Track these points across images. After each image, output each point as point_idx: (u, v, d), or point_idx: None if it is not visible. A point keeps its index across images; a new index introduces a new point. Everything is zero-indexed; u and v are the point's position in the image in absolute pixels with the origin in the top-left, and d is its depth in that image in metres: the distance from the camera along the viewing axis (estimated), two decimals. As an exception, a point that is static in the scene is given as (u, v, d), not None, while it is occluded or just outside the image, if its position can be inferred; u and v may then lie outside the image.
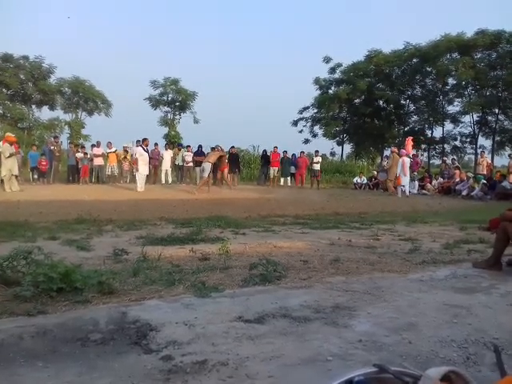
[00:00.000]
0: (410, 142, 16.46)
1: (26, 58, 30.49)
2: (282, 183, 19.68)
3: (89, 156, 17.43)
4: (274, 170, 19.28)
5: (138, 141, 15.72)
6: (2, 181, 12.76)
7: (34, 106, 32.12)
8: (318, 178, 19.42)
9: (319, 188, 18.74)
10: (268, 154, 20.02)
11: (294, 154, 19.97)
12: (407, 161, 15.32)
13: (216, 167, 15.07)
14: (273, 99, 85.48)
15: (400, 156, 15.33)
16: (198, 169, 17.93)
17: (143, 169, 14.15)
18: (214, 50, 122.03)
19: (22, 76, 30.32)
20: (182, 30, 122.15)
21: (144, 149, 14.51)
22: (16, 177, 13.24)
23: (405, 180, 15.21)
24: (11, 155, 12.72)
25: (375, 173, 20.80)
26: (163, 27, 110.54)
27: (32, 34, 67.62)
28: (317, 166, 19.30)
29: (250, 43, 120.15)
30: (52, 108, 32.20)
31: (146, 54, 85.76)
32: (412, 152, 16.04)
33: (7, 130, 23.32)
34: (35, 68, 30.60)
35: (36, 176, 16.64)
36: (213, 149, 16.42)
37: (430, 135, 30.60)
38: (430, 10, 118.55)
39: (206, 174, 13.54)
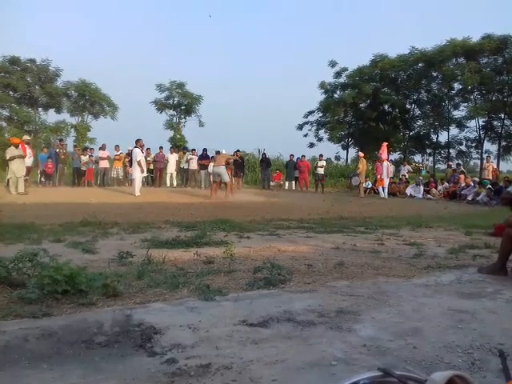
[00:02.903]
0: (385, 147, 16.71)
1: (32, 61, 30.71)
2: (286, 187, 19.68)
3: (94, 159, 17.54)
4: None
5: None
6: (8, 183, 12.83)
7: (40, 109, 32.35)
8: (322, 182, 19.42)
9: (324, 192, 18.70)
10: (267, 156, 20.12)
11: (298, 158, 20.01)
12: (387, 165, 16.46)
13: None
14: (278, 103, 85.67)
15: (382, 160, 16.33)
16: (202, 172, 18.00)
17: (139, 172, 13.45)
18: (218, 53, 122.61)
19: (28, 79, 30.51)
20: (186, 32, 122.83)
21: (141, 150, 14.01)
22: (26, 179, 13.30)
23: (385, 183, 16.36)
24: (11, 158, 12.69)
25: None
26: (167, 30, 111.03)
27: (36, 37, 68.23)
28: (321, 170, 19.30)
29: (256, 47, 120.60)
30: (58, 111, 32.39)
31: (151, 58, 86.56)
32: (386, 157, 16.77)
33: (14, 133, 23.52)
34: (42, 71, 30.82)
35: (43, 178, 16.77)
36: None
37: (435, 140, 30.57)
38: (436, 15, 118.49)
39: (226, 178, 13.11)
